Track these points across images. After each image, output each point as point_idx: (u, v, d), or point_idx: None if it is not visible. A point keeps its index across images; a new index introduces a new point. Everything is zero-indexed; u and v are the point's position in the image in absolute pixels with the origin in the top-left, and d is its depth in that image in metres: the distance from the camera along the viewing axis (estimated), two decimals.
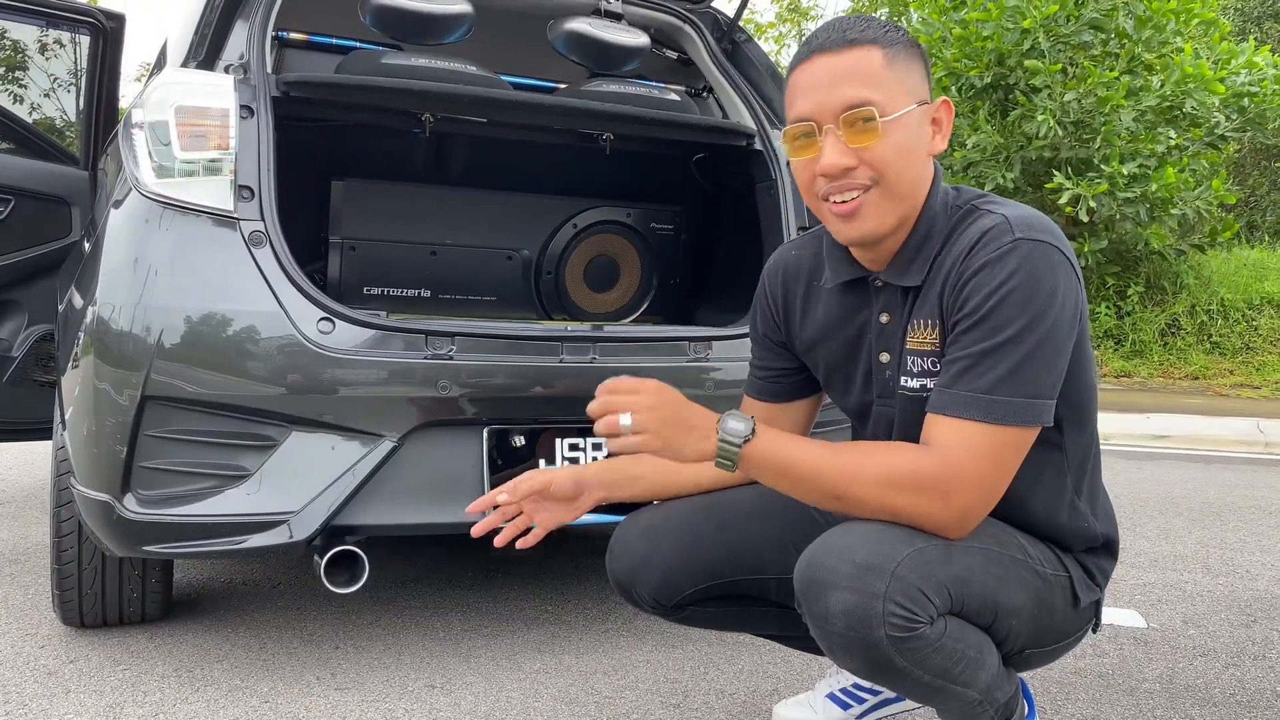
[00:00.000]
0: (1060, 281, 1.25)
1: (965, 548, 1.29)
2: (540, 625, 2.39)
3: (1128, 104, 8.16)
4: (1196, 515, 3.91)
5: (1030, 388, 1.24)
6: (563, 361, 2.06)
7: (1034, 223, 1.28)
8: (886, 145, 1.27)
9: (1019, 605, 1.33)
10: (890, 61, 1.28)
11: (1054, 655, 1.48)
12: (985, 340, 1.24)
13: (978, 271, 1.26)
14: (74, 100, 3.44)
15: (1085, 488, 1.46)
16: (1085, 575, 1.46)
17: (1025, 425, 1.25)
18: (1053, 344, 1.24)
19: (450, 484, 2.01)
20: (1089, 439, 1.45)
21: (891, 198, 1.30)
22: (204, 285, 1.89)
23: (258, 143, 1.97)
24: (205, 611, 2.43)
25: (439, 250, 2.78)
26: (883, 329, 1.42)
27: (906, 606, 1.20)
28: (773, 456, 1.29)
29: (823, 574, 1.23)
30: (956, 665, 1.27)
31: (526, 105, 2.31)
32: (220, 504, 1.88)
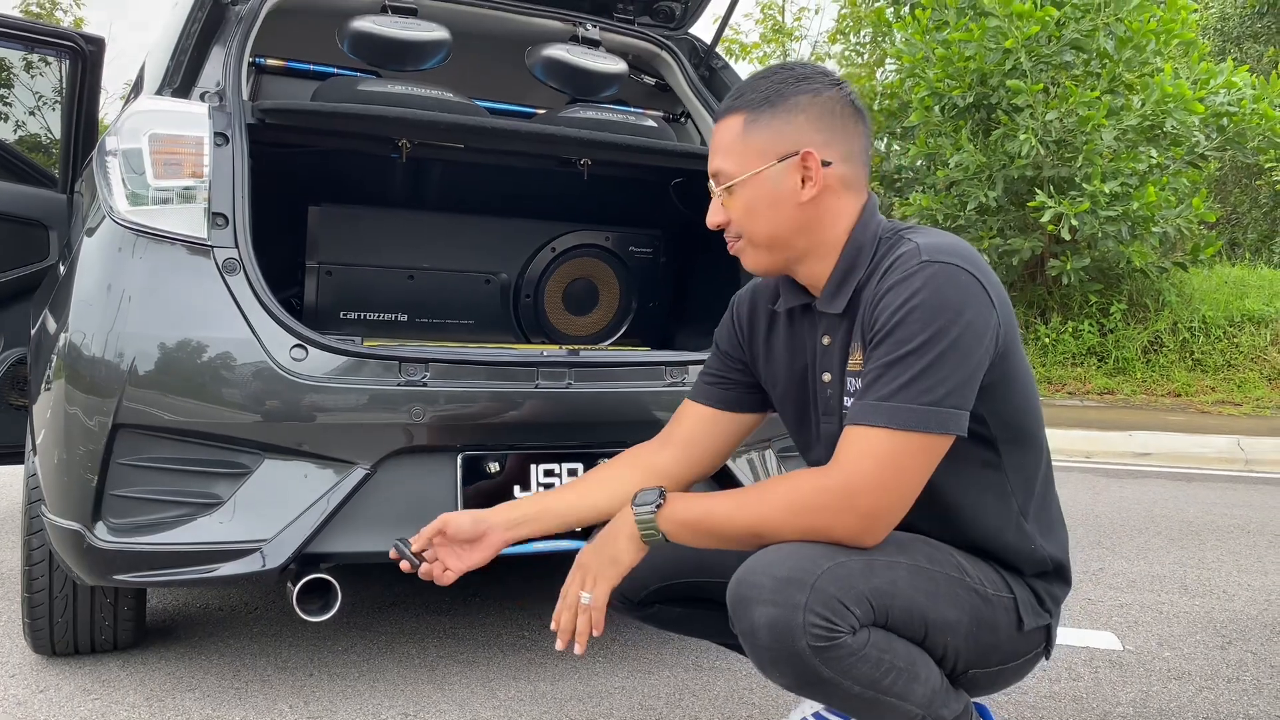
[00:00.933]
0: (967, 299, 1.31)
1: (890, 563, 1.33)
2: (516, 651, 2.39)
3: (1109, 123, 8.22)
4: (1175, 534, 3.93)
5: (932, 395, 1.28)
6: (538, 387, 2.07)
7: (945, 248, 1.35)
8: (736, 205, 1.45)
9: (952, 621, 1.36)
10: (748, 126, 1.43)
11: (1002, 678, 1.49)
12: (890, 353, 1.31)
13: (887, 292, 1.35)
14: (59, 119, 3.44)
15: (1033, 510, 1.48)
16: (1033, 598, 1.47)
17: (927, 431, 1.29)
18: (957, 355, 1.29)
19: (424, 511, 2.00)
20: (1035, 461, 1.48)
21: (755, 246, 1.47)
22: (177, 312, 1.89)
23: (232, 170, 1.98)
24: (179, 639, 2.41)
25: (416, 274, 2.79)
26: (824, 350, 1.50)
27: (826, 617, 1.25)
28: (686, 513, 1.42)
29: (748, 590, 1.29)
30: (885, 676, 1.29)
31: (503, 132, 2.32)
32: (192, 532, 1.87)
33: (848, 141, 1.44)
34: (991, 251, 8.95)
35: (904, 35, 9.36)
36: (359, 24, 2.35)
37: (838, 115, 1.43)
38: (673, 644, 2.45)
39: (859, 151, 1.45)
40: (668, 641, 2.47)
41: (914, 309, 1.31)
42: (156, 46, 2.46)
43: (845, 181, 1.44)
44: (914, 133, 9.53)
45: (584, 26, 2.67)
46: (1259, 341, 8.92)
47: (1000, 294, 1.38)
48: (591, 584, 1.45)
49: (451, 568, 1.57)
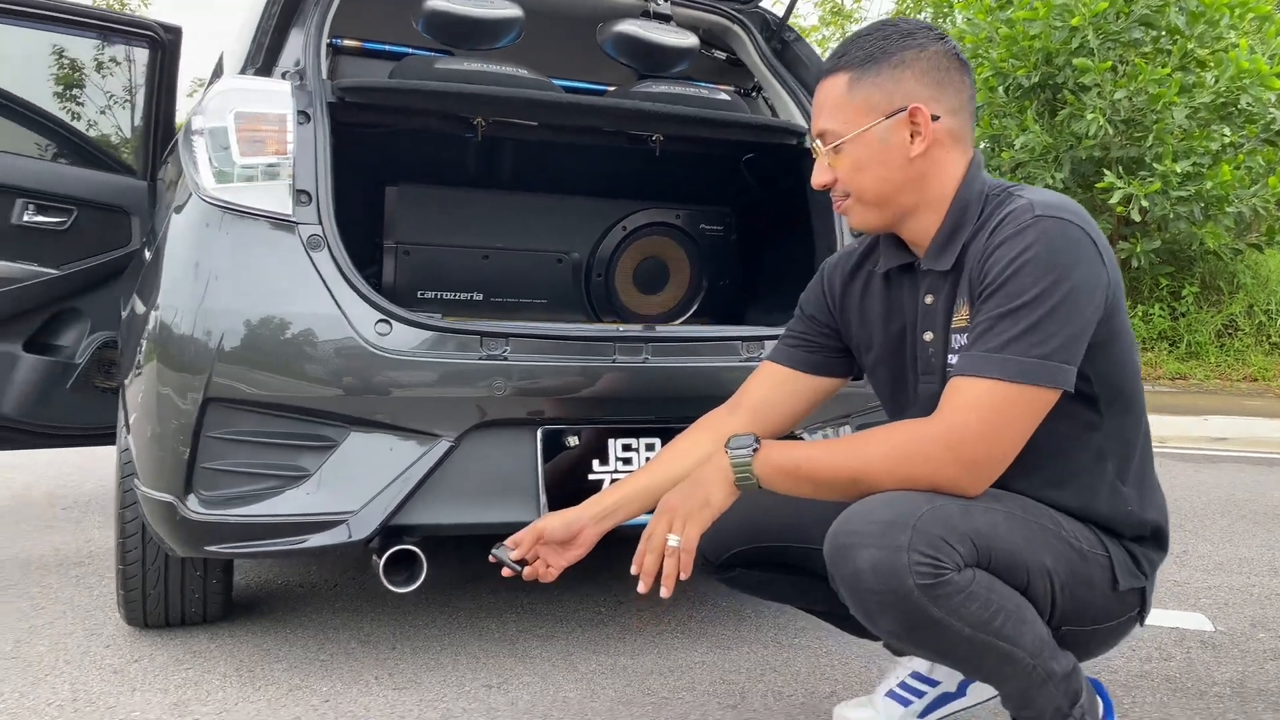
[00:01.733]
0: (1080, 255, 1.31)
1: (987, 507, 1.32)
2: (595, 626, 2.39)
3: (1180, 101, 8.00)
4: (1260, 518, 3.81)
5: (1043, 349, 1.27)
6: (616, 362, 2.07)
7: (1057, 204, 1.35)
8: (844, 164, 1.44)
9: (1050, 569, 1.34)
10: (852, 85, 1.43)
11: (1096, 640, 1.46)
12: (1002, 306, 1.30)
13: (999, 246, 1.34)
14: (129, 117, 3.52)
15: (1132, 475, 1.45)
16: (1129, 559, 1.44)
17: (1035, 384, 1.28)
18: (1068, 310, 1.28)
19: (505, 484, 2.02)
20: (1134, 425, 1.46)
21: (863, 204, 1.46)
22: (263, 288, 1.91)
23: (314, 148, 2.00)
24: (264, 613, 2.46)
25: (491, 254, 2.80)
26: (927, 309, 1.48)
27: (930, 555, 1.24)
28: (782, 458, 1.40)
29: (848, 538, 1.28)
30: (994, 617, 1.27)
31: (577, 107, 2.32)
32: (281, 504, 1.90)
33: (954, 95, 1.43)
34: None
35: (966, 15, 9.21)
36: (434, 3, 2.36)
37: (943, 69, 1.43)
38: (751, 621, 2.44)
39: (965, 105, 1.45)
40: (746, 618, 2.46)
41: (1027, 263, 1.30)
42: (237, 31, 2.50)
43: (953, 135, 1.44)
44: (978, 114, 9.36)
45: (655, 1, 2.65)
46: None
47: (1109, 254, 1.36)
48: (680, 527, 1.41)
49: (553, 565, 1.58)
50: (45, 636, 2.29)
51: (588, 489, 2.06)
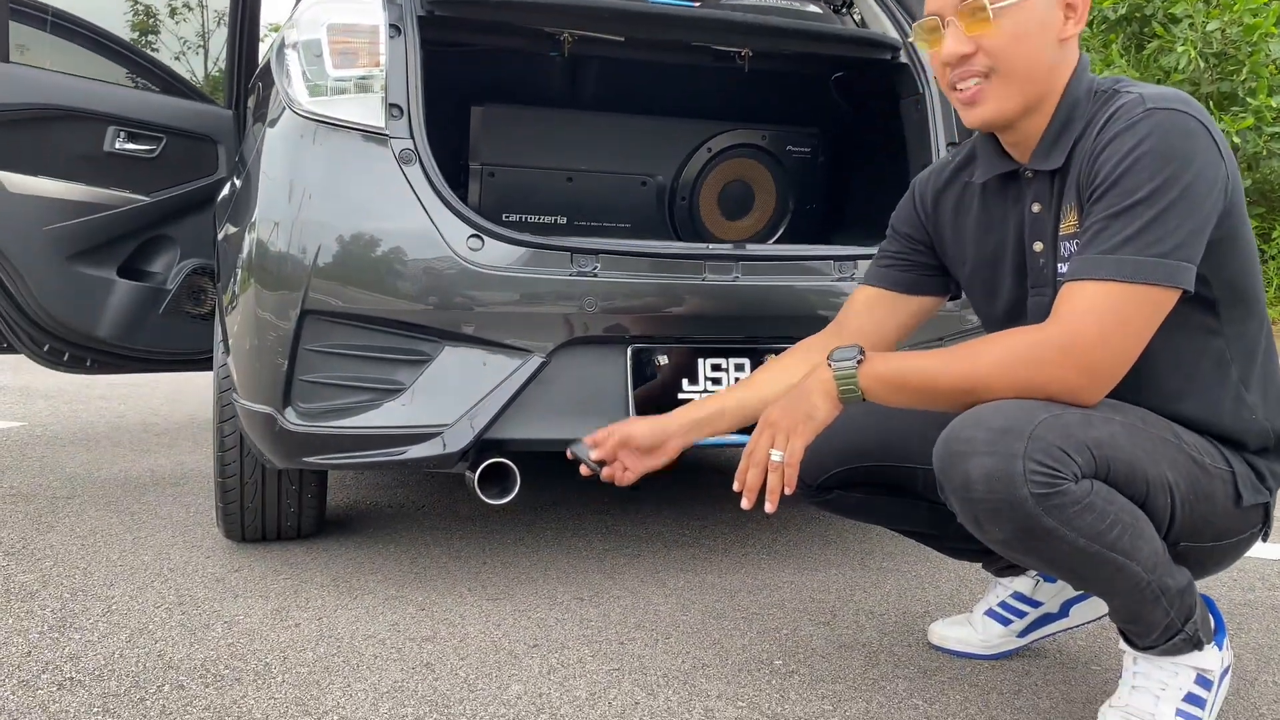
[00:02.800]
0: (1197, 147, 1.24)
1: (1107, 418, 1.27)
2: (680, 547, 2.40)
3: (1277, 32, 7.64)
4: None
5: (1160, 247, 1.22)
6: (705, 280, 2.04)
7: (1170, 96, 1.28)
8: (1001, 32, 1.32)
9: (1171, 482, 1.29)
10: None
11: (1214, 557, 1.41)
12: (1115, 204, 1.25)
13: (1110, 142, 1.28)
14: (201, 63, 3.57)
15: (1256, 381, 1.39)
16: (1253, 474, 1.38)
17: (1154, 283, 1.22)
18: (1187, 205, 1.22)
19: (595, 401, 2.02)
20: (1257, 329, 1.39)
21: (1009, 83, 1.34)
22: (358, 203, 1.92)
23: (405, 62, 1.99)
24: (356, 530, 2.51)
25: (575, 176, 2.78)
26: (1035, 218, 1.42)
27: (1047, 464, 1.19)
28: (887, 368, 1.34)
29: (960, 445, 1.24)
30: (1111, 529, 1.23)
31: (666, 18, 2.27)
32: (377, 417, 1.92)
33: None
34: None
35: None
36: None
37: None
38: (836, 544, 2.43)
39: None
40: (831, 541, 2.44)
41: (1141, 157, 1.24)
42: None
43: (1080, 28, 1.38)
44: None
45: None
46: None
47: (1226, 148, 1.29)
48: (784, 441, 1.37)
49: (632, 469, 1.57)
50: (149, 547, 2.36)
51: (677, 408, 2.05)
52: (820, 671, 1.69)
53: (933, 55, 1.40)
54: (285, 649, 1.75)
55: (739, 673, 1.67)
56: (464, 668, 1.68)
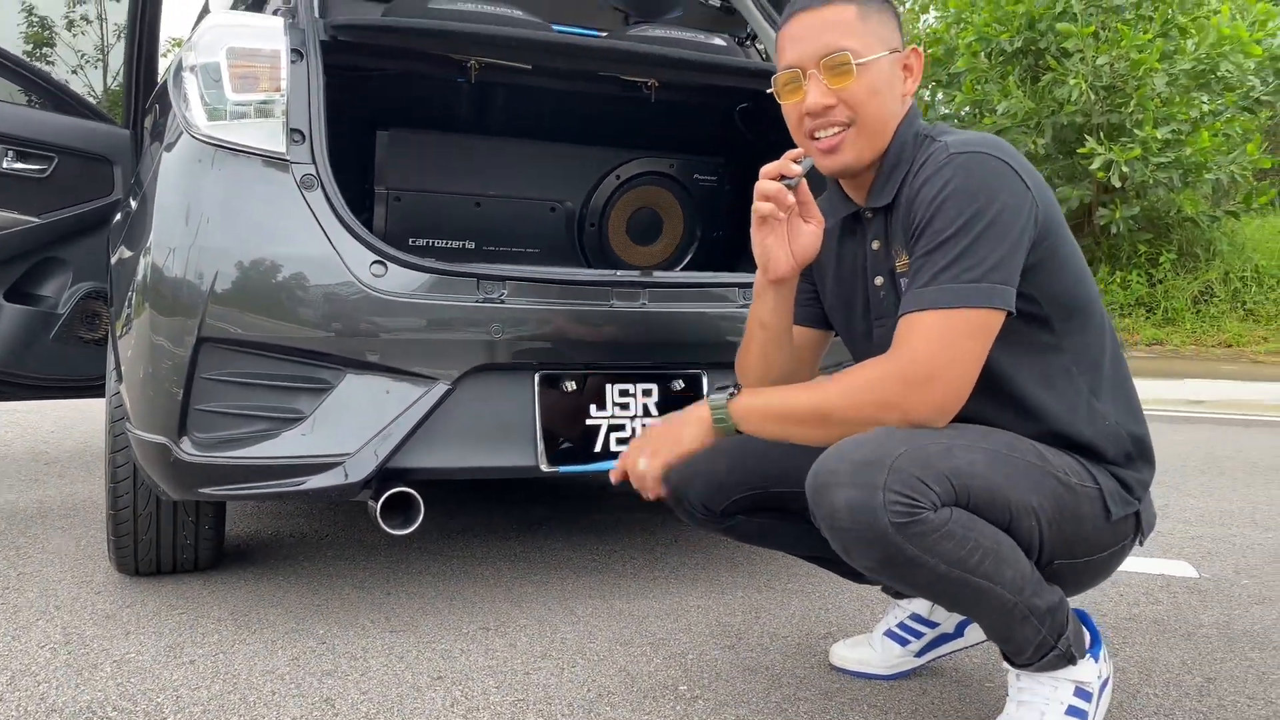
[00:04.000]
0: (1000, 183, 1.35)
1: (969, 445, 1.34)
2: (589, 573, 2.40)
3: (1161, 67, 8.04)
4: (1240, 474, 3.87)
5: (974, 273, 1.32)
6: (613, 306, 2.06)
7: (974, 141, 1.39)
8: (860, 86, 1.43)
9: (1035, 506, 1.36)
10: (863, 15, 1.44)
11: (1090, 571, 1.48)
12: (931, 243, 1.35)
13: (920, 189, 1.40)
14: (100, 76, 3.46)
15: (1105, 389, 1.48)
16: (1120, 488, 1.46)
17: (974, 307, 1.31)
18: (995, 234, 1.32)
19: (502, 428, 2.01)
20: (1097, 338, 1.49)
21: (866, 133, 1.45)
22: (257, 228, 1.88)
23: (308, 87, 1.96)
24: (256, 561, 2.44)
25: (483, 201, 2.78)
26: (874, 254, 1.53)
27: (905, 494, 1.26)
28: (754, 402, 1.45)
29: (826, 477, 1.31)
30: (971, 555, 1.29)
31: (572, 48, 2.29)
32: (276, 446, 1.89)
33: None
34: None
35: None
36: None
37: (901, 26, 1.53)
38: (745, 567, 2.45)
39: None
40: (740, 564, 2.47)
41: (948, 197, 1.35)
42: None
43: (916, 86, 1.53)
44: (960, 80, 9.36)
45: None
46: None
47: (1035, 178, 1.40)
48: (650, 455, 1.51)
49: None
50: (34, 583, 2.26)
51: (585, 434, 2.06)
52: (724, 696, 1.70)
53: (791, 106, 1.49)
54: (179, 688, 1.70)
55: (644, 700, 1.68)
56: (365, 703, 1.65)
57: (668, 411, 2.12)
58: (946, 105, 9.81)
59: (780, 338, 1.62)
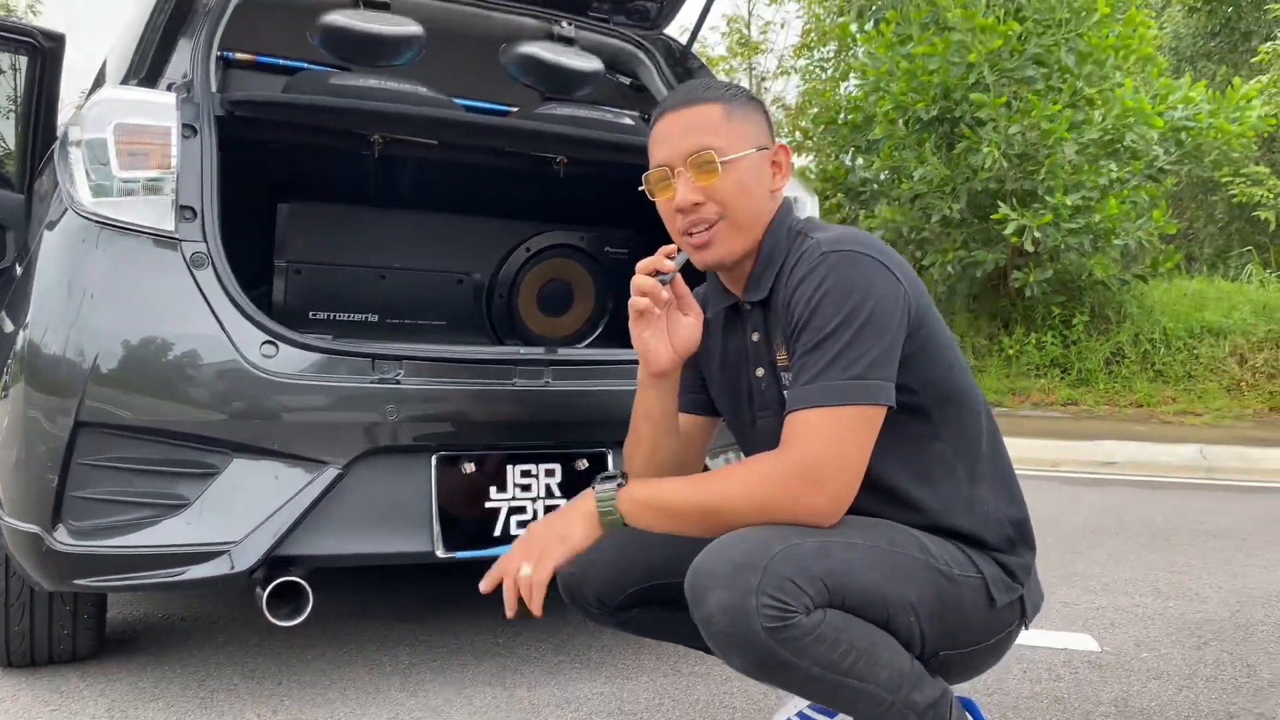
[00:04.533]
0: (873, 278, 1.37)
1: (847, 544, 1.34)
2: (491, 658, 2.34)
3: (1070, 137, 8.31)
4: (1145, 539, 3.95)
5: (855, 369, 1.34)
6: (515, 386, 2.03)
7: (842, 238, 1.43)
8: (726, 182, 1.45)
9: (914, 601, 1.36)
10: (729, 114, 1.47)
11: (977, 659, 1.49)
12: (810, 340, 1.37)
13: (796, 287, 1.42)
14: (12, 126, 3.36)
15: (983, 475, 1.50)
16: (1003, 573, 1.47)
17: (856, 403, 1.33)
18: (873, 330, 1.35)
19: (397, 513, 1.96)
20: (973, 425, 1.51)
21: (736, 228, 1.47)
22: (143, 307, 1.83)
23: (201, 163, 1.93)
24: (141, 648, 2.34)
25: (388, 274, 2.74)
26: (755, 346, 1.54)
27: (778, 598, 1.25)
28: (643, 492, 1.42)
29: (703, 578, 1.30)
30: (844, 658, 1.28)
31: (478, 127, 2.29)
32: (157, 534, 1.81)
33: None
34: (955, 264, 9.02)
35: (868, 49, 9.44)
36: (331, 18, 2.31)
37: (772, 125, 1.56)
38: (650, 650, 2.41)
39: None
40: (645, 648, 2.43)
41: (825, 295, 1.37)
42: (120, 40, 2.40)
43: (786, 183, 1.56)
44: (878, 146, 9.58)
45: (559, 24, 2.64)
46: (1218, 353, 9.06)
47: (905, 270, 1.43)
48: (536, 557, 1.42)
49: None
50: None
51: (484, 518, 2.02)
52: None
53: (663, 203, 1.50)
54: None
55: None
56: None
57: (572, 492, 2.09)
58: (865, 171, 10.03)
59: (666, 429, 1.60)
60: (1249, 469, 6.09)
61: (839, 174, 10.25)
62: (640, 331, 1.53)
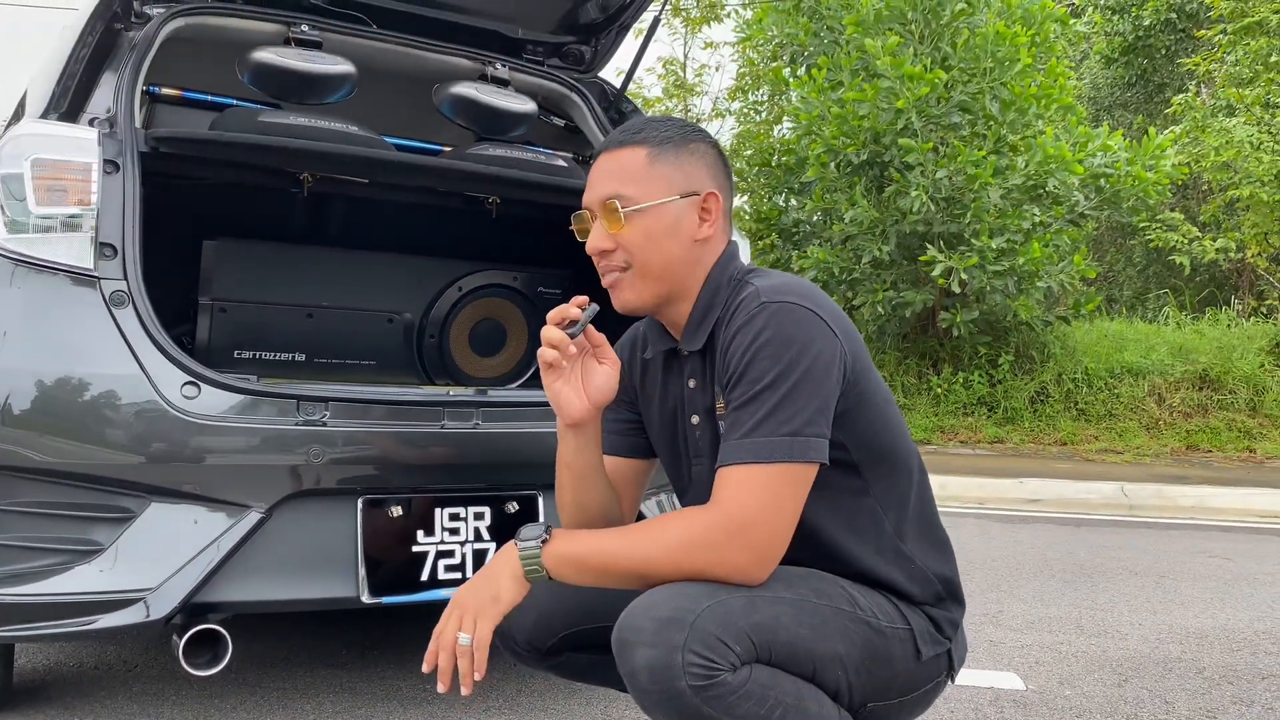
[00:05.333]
0: (811, 333, 1.35)
1: (774, 598, 1.33)
2: (418, 705, 2.29)
3: (995, 182, 8.56)
4: (1069, 576, 4.03)
5: (789, 426, 1.32)
6: (444, 428, 2.01)
7: (781, 287, 1.40)
8: (634, 231, 1.43)
9: (842, 654, 1.35)
10: (652, 160, 1.45)
11: (905, 710, 1.48)
12: (745, 393, 1.34)
13: (734, 336, 1.39)
14: None
15: (909, 529, 1.49)
16: (931, 627, 1.48)
17: (791, 461, 1.31)
18: (809, 385, 1.33)
19: (322, 557, 1.92)
20: (904, 481, 1.50)
21: (643, 277, 1.45)
22: (59, 346, 1.78)
23: (123, 199, 1.89)
24: (50, 699, 2.24)
25: (315, 313, 2.70)
26: (691, 393, 1.52)
27: (704, 655, 1.24)
28: (569, 548, 1.38)
29: (629, 634, 1.28)
30: (771, 713, 1.27)
31: (408, 166, 2.28)
32: (68, 581, 1.75)
33: (729, 191, 1.53)
34: (885, 304, 9.18)
35: (800, 94, 9.62)
36: (261, 55, 2.29)
37: (721, 166, 1.52)
38: (581, 695, 2.38)
39: (731, 201, 1.54)
40: (576, 692, 2.40)
41: (762, 348, 1.35)
42: (41, 72, 2.35)
43: (726, 225, 1.52)
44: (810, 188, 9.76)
45: (493, 65, 2.65)
46: (1137, 392, 9.33)
47: (843, 324, 1.42)
48: (471, 624, 1.38)
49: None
50: None
51: (411, 561, 1.98)
52: None
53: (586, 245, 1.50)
54: None
55: None
56: None
57: (501, 535, 2.07)
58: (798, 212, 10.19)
59: (589, 477, 1.57)
60: (1167, 506, 6.26)
61: (773, 215, 10.40)
62: (552, 382, 1.49)
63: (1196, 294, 12.59)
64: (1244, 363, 9.22)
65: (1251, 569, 4.29)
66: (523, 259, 2.95)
